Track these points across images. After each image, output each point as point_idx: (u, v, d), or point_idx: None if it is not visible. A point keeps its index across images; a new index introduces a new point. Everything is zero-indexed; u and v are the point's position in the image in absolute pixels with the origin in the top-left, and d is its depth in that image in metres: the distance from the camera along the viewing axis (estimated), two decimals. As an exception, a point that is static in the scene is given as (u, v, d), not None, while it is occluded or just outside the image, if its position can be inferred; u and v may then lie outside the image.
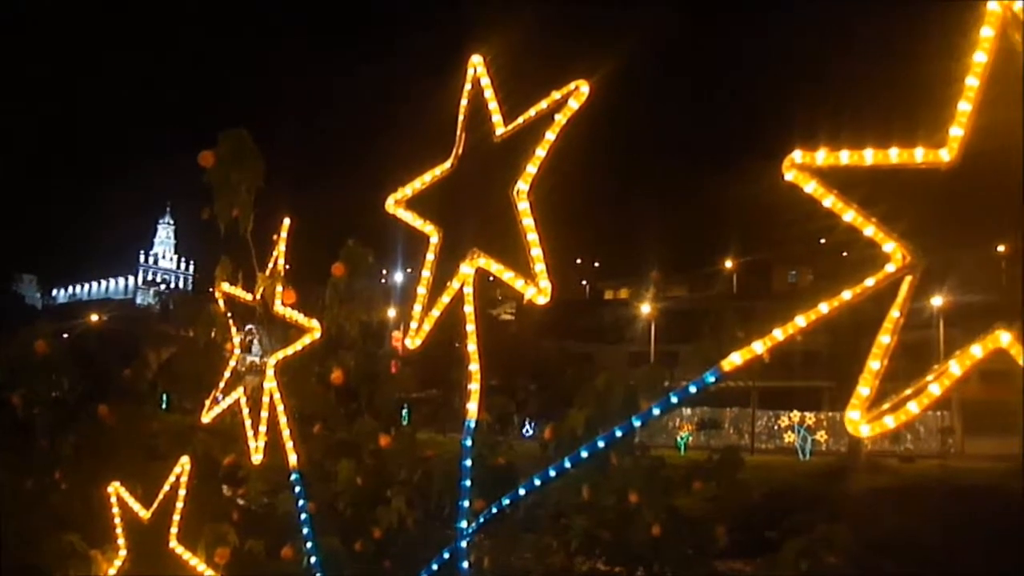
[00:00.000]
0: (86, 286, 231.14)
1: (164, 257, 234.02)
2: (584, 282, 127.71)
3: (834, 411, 71.97)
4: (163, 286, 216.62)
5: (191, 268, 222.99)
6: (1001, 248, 3.63)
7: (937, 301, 50.26)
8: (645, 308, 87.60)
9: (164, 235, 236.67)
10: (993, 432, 61.95)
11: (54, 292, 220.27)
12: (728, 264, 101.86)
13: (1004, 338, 3.24)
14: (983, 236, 3.60)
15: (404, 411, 11.49)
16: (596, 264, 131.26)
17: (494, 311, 77.35)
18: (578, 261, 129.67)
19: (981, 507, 35.29)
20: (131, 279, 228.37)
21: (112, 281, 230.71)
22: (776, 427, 76.27)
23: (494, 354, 5.43)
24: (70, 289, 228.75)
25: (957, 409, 67.03)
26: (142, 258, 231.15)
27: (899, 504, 36.93)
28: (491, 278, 5.28)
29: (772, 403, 74.33)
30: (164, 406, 11.14)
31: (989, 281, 3.91)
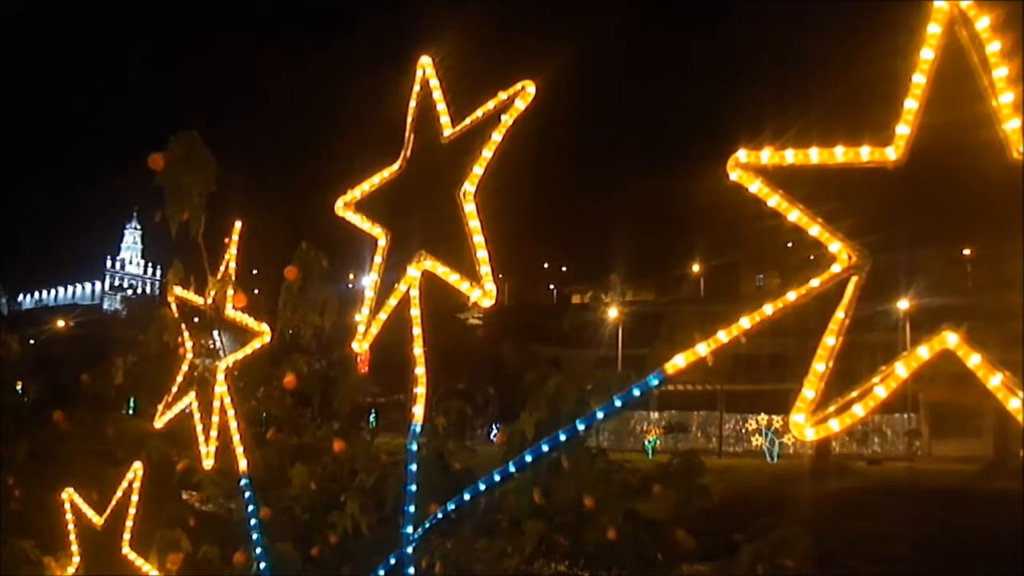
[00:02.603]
0: (52, 292, 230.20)
1: (131, 262, 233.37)
2: (552, 286, 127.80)
3: (802, 414, 72.12)
4: (130, 291, 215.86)
5: (158, 273, 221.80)
6: (967, 251, 3.59)
7: (903, 305, 50.43)
8: (612, 312, 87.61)
9: (131, 240, 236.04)
10: (959, 434, 62.45)
11: (20, 298, 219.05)
12: (695, 268, 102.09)
13: (951, 339, 3.20)
14: (931, 236, 3.56)
15: (372, 416, 11.41)
16: (564, 268, 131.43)
17: (461, 315, 77.30)
18: (545, 265, 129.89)
19: (948, 509, 35.49)
20: (98, 284, 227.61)
21: (79, 286, 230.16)
22: (744, 430, 76.44)
23: (459, 358, 5.40)
24: (36, 295, 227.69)
25: (924, 412, 67.39)
26: (109, 263, 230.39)
27: (867, 506, 37.10)
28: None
29: (740, 406, 74.51)
30: (132, 411, 11.06)
31: (955, 285, 3.87)
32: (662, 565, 7.72)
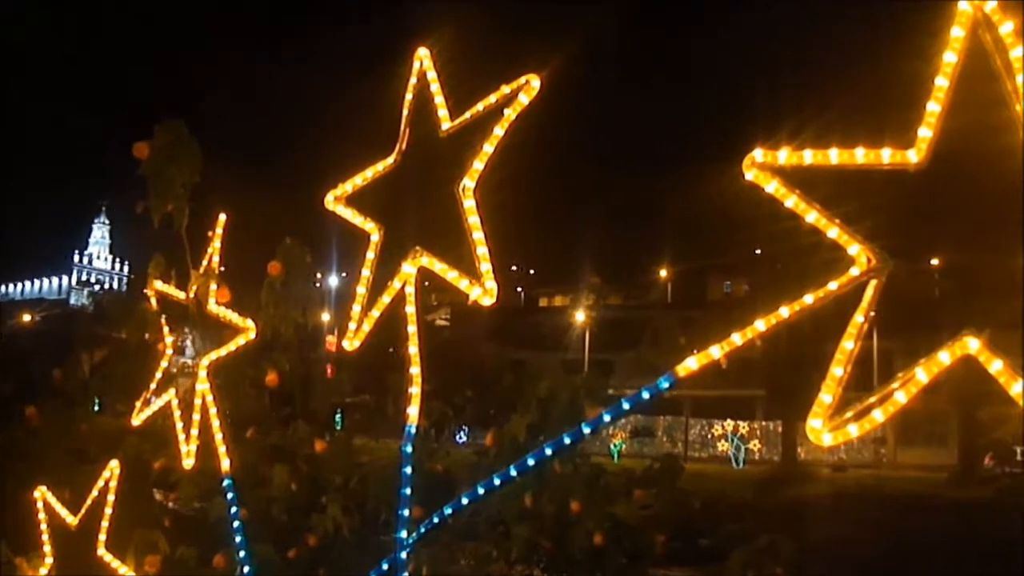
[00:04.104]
0: (19, 285, 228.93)
1: (99, 257, 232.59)
2: (519, 289, 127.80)
3: (768, 420, 72.60)
4: (97, 286, 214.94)
5: (126, 268, 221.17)
6: (935, 261, 3.56)
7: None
8: (579, 316, 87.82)
9: (99, 235, 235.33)
10: (924, 443, 62.90)
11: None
12: (663, 273, 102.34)
13: (973, 344, 3.14)
14: (952, 239, 3.51)
15: (337, 416, 11.34)
16: (531, 271, 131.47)
17: (428, 317, 77.25)
18: (513, 268, 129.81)
19: (913, 516, 35.72)
20: (65, 279, 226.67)
21: (45, 281, 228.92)
22: (709, 436, 76.75)
23: (430, 359, 5.29)
24: (2, 288, 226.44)
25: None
26: (76, 258, 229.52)
27: (833, 513, 37.22)
28: (426, 283, 5.16)
29: (705, 412, 74.74)
30: (96, 408, 10.94)
31: (922, 294, 3.83)
32: (635, 570, 7.68)
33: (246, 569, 6.22)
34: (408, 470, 5.25)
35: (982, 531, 27.80)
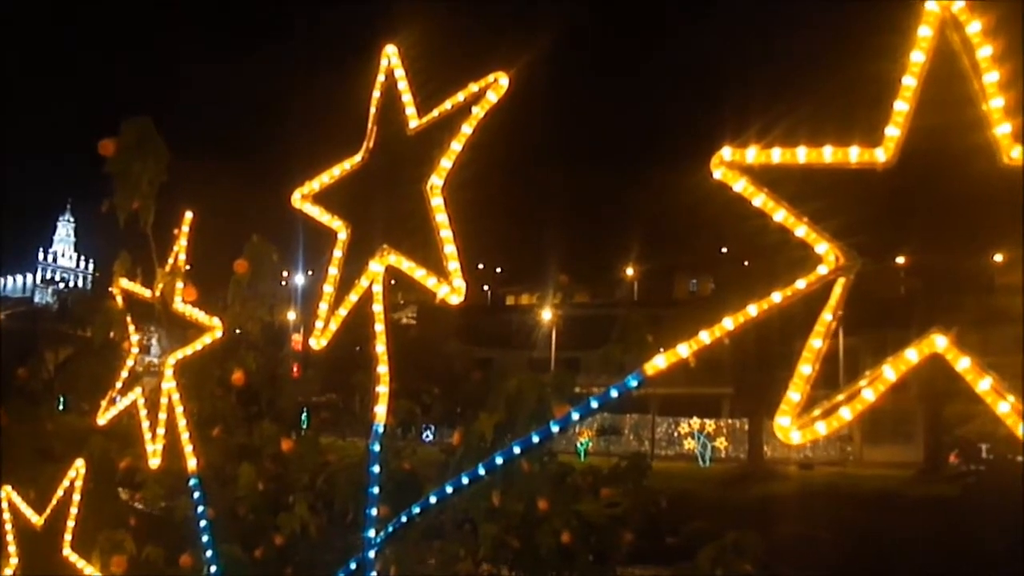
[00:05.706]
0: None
1: (63, 255, 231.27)
2: (486, 287, 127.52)
3: (734, 418, 72.70)
4: (62, 284, 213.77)
5: (91, 266, 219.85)
6: (901, 259, 3.56)
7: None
8: (546, 314, 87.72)
9: (64, 232, 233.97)
10: (891, 440, 63.05)
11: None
12: (629, 272, 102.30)
13: (940, 342, 3.15)
14: (920, 238, 3.51)
15: (303, 415, 11.31)
16: (498, 270, 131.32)
17: (395, 315, 76.98)
18: (480, 266, 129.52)
19: (880, 513, 35.86)
20: (29, 277, 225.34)
21: (9, 279, 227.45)
22: (676, 434, 76.68)
23: (396, 358, 5.27)
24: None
25: (855, 417, 67.90)
26: (41, 256, 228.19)
27: (800, 511, 37.31)
28: (393, 281, 5.14)
29: (672, 410, 74.63)
30: (61, 407, 10.87)
31: (887, 291, 3.85)
32: (602, 568, 7.68)
33: (213, 569, 6.20)
34: (376, 469, 5.24)
35: (949, 528, 27.97)
